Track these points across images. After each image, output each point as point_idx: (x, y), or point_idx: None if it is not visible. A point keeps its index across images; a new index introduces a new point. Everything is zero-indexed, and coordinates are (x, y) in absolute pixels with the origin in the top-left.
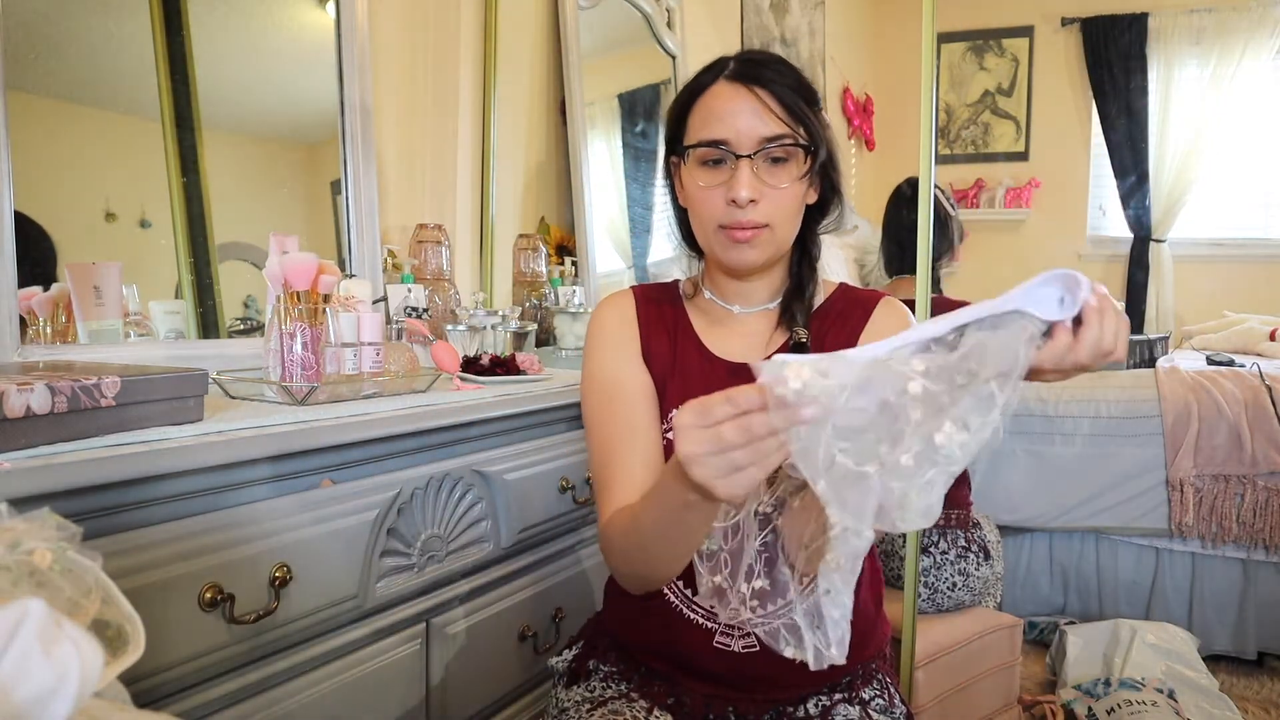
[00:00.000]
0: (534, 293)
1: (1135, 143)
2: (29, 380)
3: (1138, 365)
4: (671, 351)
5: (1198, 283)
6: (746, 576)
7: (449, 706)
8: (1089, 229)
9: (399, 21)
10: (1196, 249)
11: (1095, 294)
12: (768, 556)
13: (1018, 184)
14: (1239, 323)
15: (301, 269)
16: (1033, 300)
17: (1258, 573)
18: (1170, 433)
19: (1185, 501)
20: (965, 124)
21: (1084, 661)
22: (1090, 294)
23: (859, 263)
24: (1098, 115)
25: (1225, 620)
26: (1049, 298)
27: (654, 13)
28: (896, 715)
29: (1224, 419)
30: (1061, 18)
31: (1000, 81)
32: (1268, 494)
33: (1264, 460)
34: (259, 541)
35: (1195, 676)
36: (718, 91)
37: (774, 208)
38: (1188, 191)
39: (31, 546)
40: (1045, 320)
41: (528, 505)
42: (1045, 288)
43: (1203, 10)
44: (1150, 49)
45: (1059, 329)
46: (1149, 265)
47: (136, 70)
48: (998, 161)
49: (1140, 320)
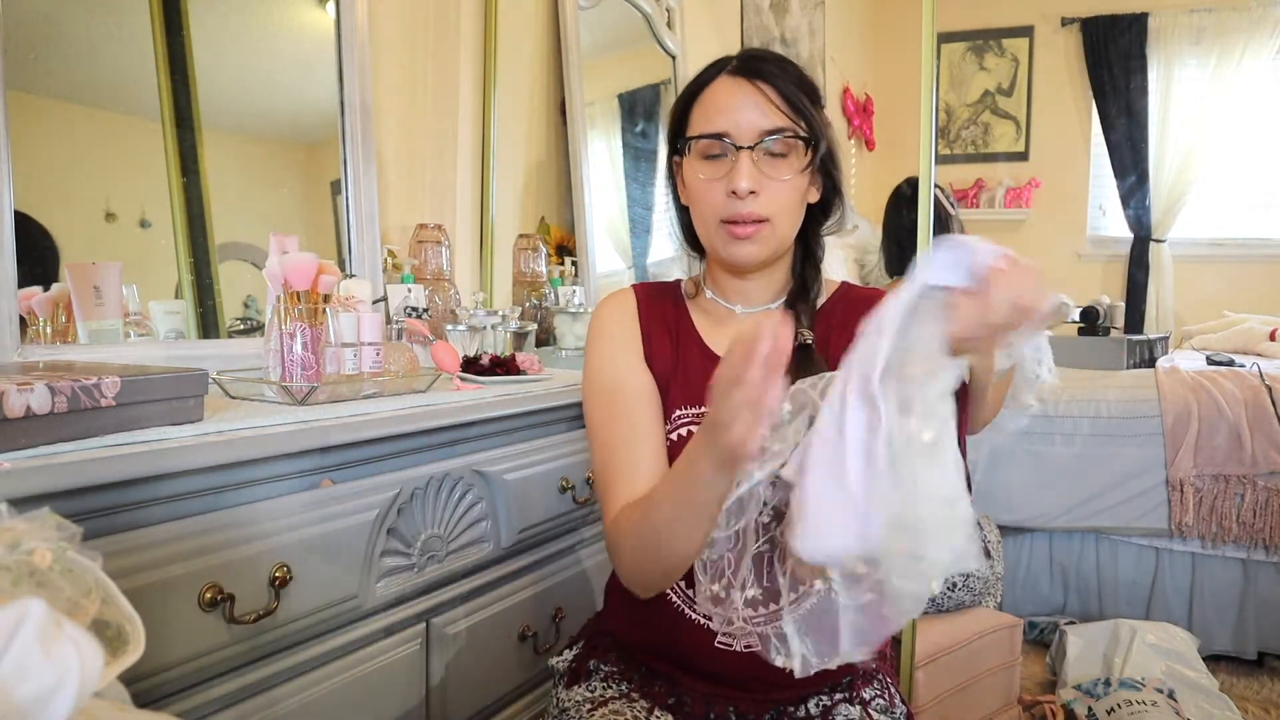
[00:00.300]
0: (534, 293)
1: (1135, 143)
2: (29, 380)
3: (1138, 365)
4: (674, 351)
5: (1198, 283)
6: (742, 585)
7: (449, 706)
8: (1089, 229)
9: (399, 21)
10: (1196, 249)
11: (999, 258)
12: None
13: (1018, 184)
14: (1239, 323)
15: (301, 269)
16: (933, 273)
17: (1258, 573)
18: (1170, 433)
19: (1185, 501)
20: (965, 124)
21: (1084, 661)
22: (993, 259)
23: (859, 263)
24: (1098, 115)
25: (1225, 620)
26: (948, 264)
27: (654, 13)
28: (897, 715)
29: (1224, 419)
30: (1061, 18)
31: (1000, 81)
32: (1268, 494)
33: (1264, 460)
34: (259, 541)
35: (1195, 676)
36: (719, 86)
37: (774, 201)
38: (1188, 191)
39: (31, 546)
40: (945, 286)
41: (528, 505)
42: (941, 255)
43: (1203, 10)
44: (1150, 49)
45: (962, 295)
46: (1149, 265)
47: (136, 70)
48: (998, 161)
49: (1140, 320)
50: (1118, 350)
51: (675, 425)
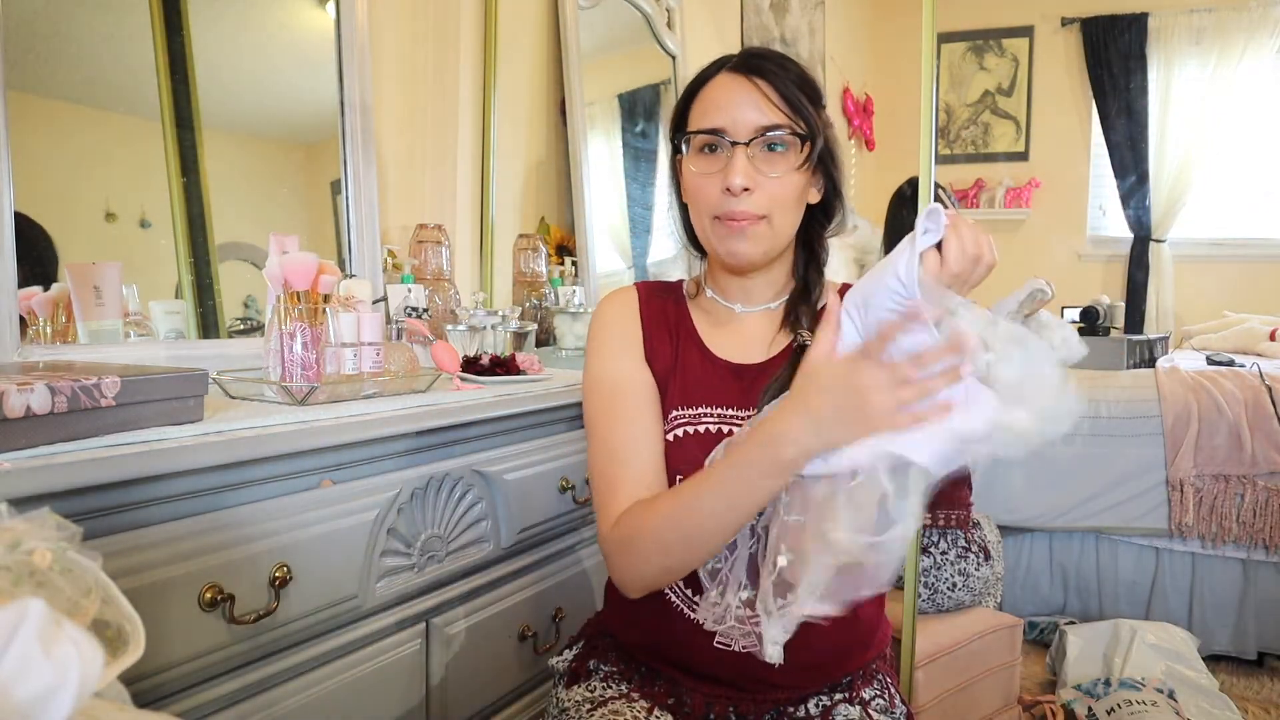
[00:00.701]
0: (534, 293)
1: (1135, 143)
2: (29, 380)
3: (1138, 365)
4: (673, 351)
5: (1198, 283)
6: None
7: (449, 706)
8: (1089, 229)
9: (399, 21)
10: (1196, 249)
11: (949, 218)
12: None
13: (1018, 184)
14: (1239, 323)
15: (301, 269)
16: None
17: (1258, 573)
18: (1170, 433)
19: (1185, 501)
20: (965, 124)
21: (1084, 661)
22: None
23: (859, 263)
24: (1098, 115)
25: (1225, 620)
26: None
27: (654, 13)
28: (897, 715)
29: (1224, 419)
30: (1061, 18)
31: (1000, 81)
32: (1268, 494)
33: (1264, 460)
34: (259, 541)
35: (1195, 676)
36: (719, 83)
37: (770, 199)
38: (1188, 191)
39: (31, 546)
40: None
41: (528, 505)
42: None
43: (1203, 10)
44: (1150, 49)
45: (928, 254)
46: (1149, 265)
47: (136, 70)
48: (998, 161)
49: (1140, 320)
50: (1118, 350)
51: (672, 425)
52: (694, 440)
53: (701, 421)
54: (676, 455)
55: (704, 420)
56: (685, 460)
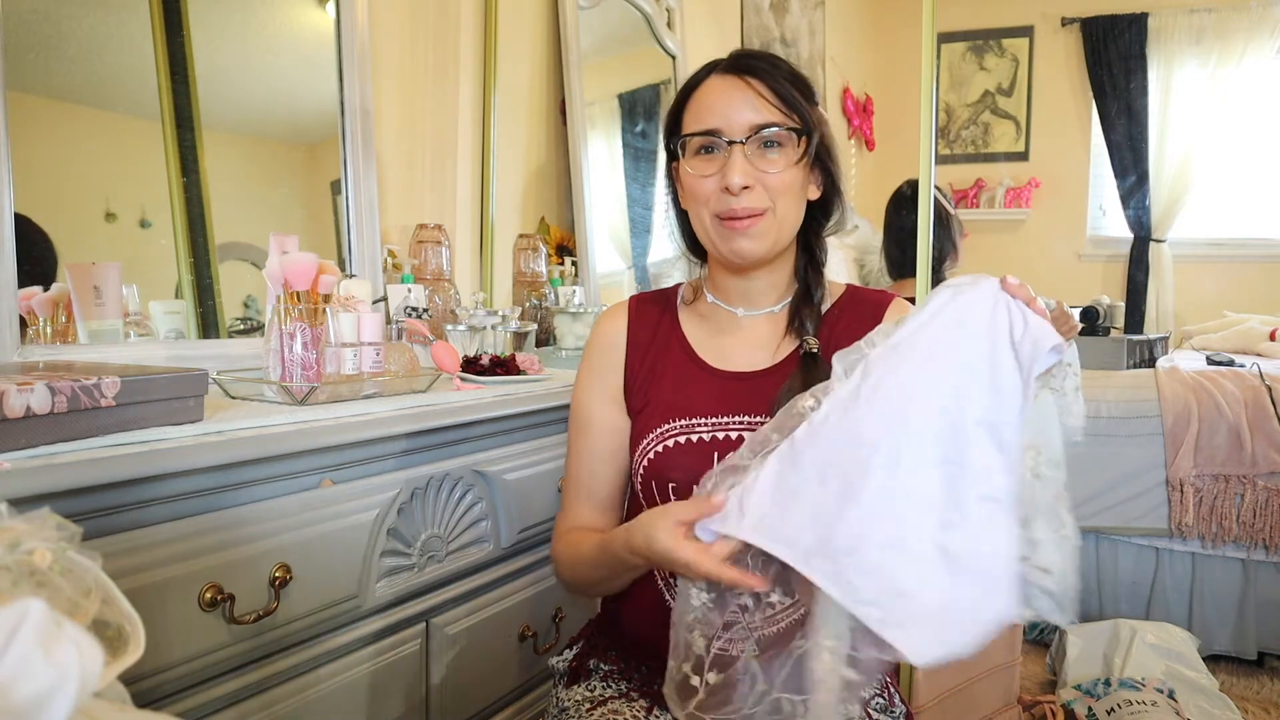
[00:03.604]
0: (534, 293)
1: (1135, 143)
2: (29, 380)
3: (1138, 365)
4: (662, 367)
5: (1198, 283)
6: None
7: (449, 706)
8: (1089, 229)
9: (399, 21)
10: (1196, 249)
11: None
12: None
13: (1018, 184)
14: (1239, 323)
15: (301, 269)
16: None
17: (1258, 573)
18: (1170, 433)
19: (1185, 501)
20: (965, 124)
21: (1084, 661)
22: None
23: (859, 263)
24: (1098, 115)
25: (1225, 620)
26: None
27: (654, 13)
28: (896, 715)
29: (1224, 419)
30: (1061, 18)
31: (1000, 81)
32: (1268, 494)
33: (1264, 460)
34: (259, 541)
35: (1195, 676)
36: (711, 85)
37: (769, 194)
38: (1188, 191)
39: (31, 546)
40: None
41: (528, 505)
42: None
43: (1203, 10)
44: (1150, 49)
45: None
46: (1149, 265)
47: (136, 70)
48: (998, 161)
49: (1140, 320)
50: (1118, 350)
51: (663, 437)
52: (686, 449)
53: (695, 430)
54: (669, 464)
55: (697, 430)
56: (678, 468)
